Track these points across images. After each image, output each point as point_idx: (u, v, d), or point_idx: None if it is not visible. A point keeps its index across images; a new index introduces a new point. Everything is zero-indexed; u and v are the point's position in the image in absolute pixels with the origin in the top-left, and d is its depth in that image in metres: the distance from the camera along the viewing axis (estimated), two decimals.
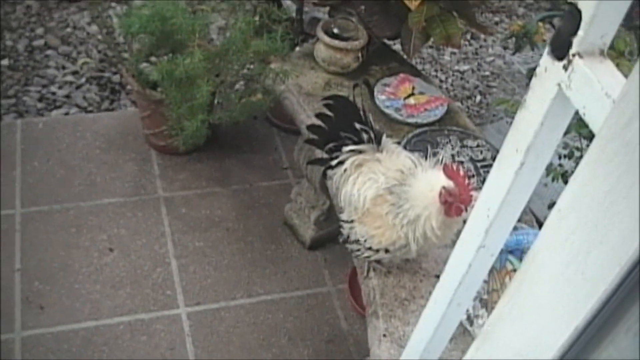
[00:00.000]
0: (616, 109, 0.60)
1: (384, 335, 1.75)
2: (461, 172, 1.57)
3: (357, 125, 1.71)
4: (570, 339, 0.56)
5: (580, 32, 0.76)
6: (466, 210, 1.56)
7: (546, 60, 0.82)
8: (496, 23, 4.03)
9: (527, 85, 2.47)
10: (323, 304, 2.57)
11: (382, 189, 1.68)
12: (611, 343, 0.53)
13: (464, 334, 1.76)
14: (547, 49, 0.82)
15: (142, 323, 2.41)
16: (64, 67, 3.33)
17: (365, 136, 1.73)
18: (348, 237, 1.81)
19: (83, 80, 3.28)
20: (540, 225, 2.26)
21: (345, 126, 1.73)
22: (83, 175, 2.83)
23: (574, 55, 0.77)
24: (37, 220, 2.64)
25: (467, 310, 1.78)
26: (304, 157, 2.51)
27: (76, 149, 2.92)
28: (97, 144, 2.95)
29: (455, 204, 1.55)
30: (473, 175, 2.08)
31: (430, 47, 3.71)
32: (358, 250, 1.80)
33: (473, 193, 1.54)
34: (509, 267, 1.67)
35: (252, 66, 2.33)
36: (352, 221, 1.78)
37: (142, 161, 2.93)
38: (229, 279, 2.58)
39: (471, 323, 1.77)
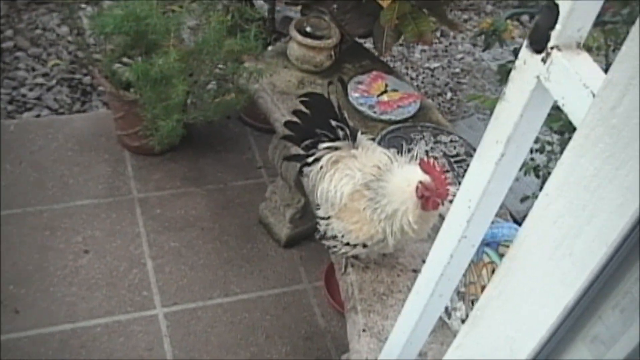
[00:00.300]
0: (600, 95, 0.63)
1: (364, 330, 1.77)
2: (437, 167, 1.60)
3: (333, 122, 1.73)
4: (559, 318, 0.59)
5: (558, 26, 0.78)
6: (443, 204, 1.58)
7: (525, 54, 0.84)
8: (465, 20, 4.08)
9: (499, 81, 2.51)
10: (300, 301, 2.58)
11: (359, 184, 1.70)
12: (599, 319, 0.55)
13: (442, 327, 1.79)
14: (525, 43, 0.84)
15: (119, 324, 2.39)
16: (34, 69, 3.30)
17: (341, 133, 1.74)
18: (325, 233, 1.82)
19: (54, 82, 3.25)
20: (513, 219, 2.31)
21: (321, 123, 1.74)
22: (56, 177, 2.80)
23: (552, 48, 0.80)
24: (11, 223, 2.60)
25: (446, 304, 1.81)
26: (279, 155, 2.52)
27: (49, 151, 2.89)
28: (69, 145, 2.93)
29: (432, 198, 1.57)
30: (447, 170, 2.11)
31: (401, 45, 3.74)
32: (335, 246, 1.81)
33: (449, 187, 1.57)
34: (486, 259, 1.70)
35: (225, 66, 2.33)
36: (329, 217, 1.80)
37: (116, 162, 2.91)
38: (205, 278, 2.58)
39: (449, 316, 1.80)
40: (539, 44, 0.82)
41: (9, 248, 2.52)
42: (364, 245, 1.72)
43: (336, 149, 1.76)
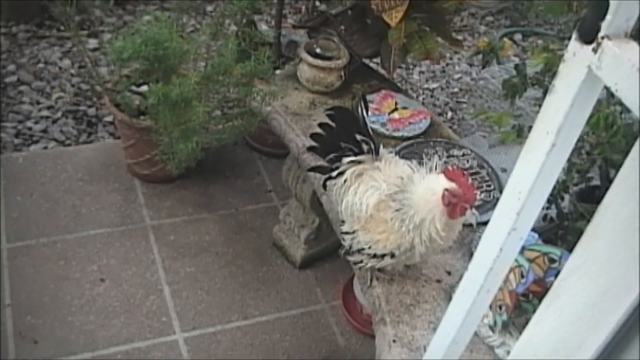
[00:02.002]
0: None
1: (394, 341, 1.78)
2: (462, 174, 1.63)
3: (358, 136, 1.76)
4: None
5: (608, 17, 0.83)
6: (471, 209, 1.61)
7: (574, 46, 0.88)
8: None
9: (505, 95, 2.54)
10: (318, 321, 2.59)
11: (385, 195, 1.73)
12: None
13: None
14: (574, 36, 0.88)
15: (139, 351, 2.39)
16: (38, 102, 3.32)
17: (365, 147, 1.77)
18: (350, 248, 1.84)
19: (59, 114, 3.27)
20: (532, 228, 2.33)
21: (346, 137, 1.77)
22: (67, 207, 2.81)
23: (602, 38, 0.84)
24: (24, 254, 2.61)
25: None
26: (293, 176, 2.55)
27: (58, 181, 2.90)
28: (79, 176, 2.94)
29: (459, 205, 1.60)
30: (472, 176, 2.15)
31: (400, 67, 3.80)
32: (361, 261, 1.83)
33: (476, 192, 1.60)
34: (513, 264, 1.73)
35: (237, 89, 2.36)
36: (354, 231, 1.82)
37: (126, 191, 2.92)
38: (223, 302, 2.58)
39: None
40: (589, 35, 0.86)
41: (24, 279, 2.52)
42: (392, 255, 1.74)
43: (359, 162, 1.79)
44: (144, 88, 2.67)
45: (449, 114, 3.63)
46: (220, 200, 2.98)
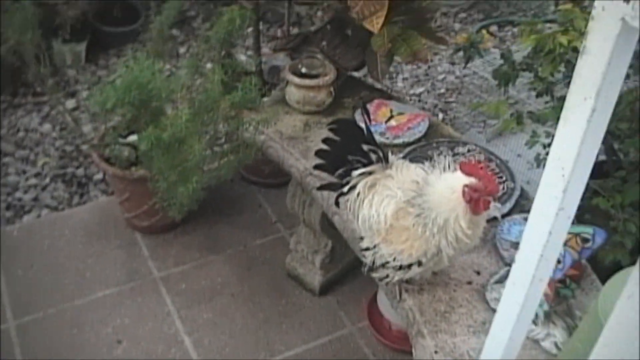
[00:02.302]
0: None
1: (436, 352, 1.70)
2: (479, 165, 1.56)
3: (365, 147, 1.69)
4: None
5: None
6: (495, 201, 1.54)
7: (602, 2, 0.82)
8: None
9: (497, 85, 2.47)
10: (348, 345, 2.50)
11: (402, 202, 1.66)
12: None
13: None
14: None
15: None
16: (24, 172, 3.23)
17: (373, 156, 1.71)
18: (373, 264, 1.76)
19: (47, 180, 3.19)
20: None
21: (353, 149, 1.70)
22: (71, 273, 2.71)
23: None
24: (34, 328, 2.50)
25: None
26: (299, 201, 2.47)
27: (58, 248, 2.81)
28: (78, 239, 2.85)
29: (482, 198, 1.53)
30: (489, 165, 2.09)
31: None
32: (387, 276, 1.75)
33: (498, 181, 1.53)
34: None
35: (227, 122, 2.30)
36: (375, 246, 1.74)
37: (129, 246, 2.83)
38: (247, 342, 2.49)
39: None
40: None
41: (38, 354, 2.42)
42: (419, 264, 1.66)
43: (370, 173, 1.72)
44: (132, 138, 2.60)
45: (440, 115, 3.57)
46: (226, 239, 2.89)
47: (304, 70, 2.39)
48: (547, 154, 2.47)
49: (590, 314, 1.41)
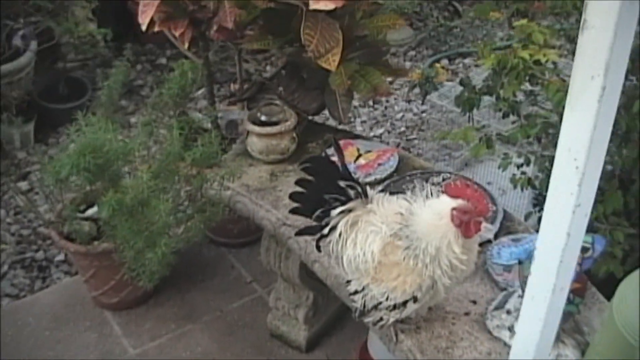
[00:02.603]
0: None
1: None
2: (467, 185, 1.48)
3: (341, 183, 1.60)
4: None
5: None
6: (486, 221, 1.46)
7: None
8: (390, 82, 4.10)
9: (462, 111, 2.42)
10: None
11: (388, 236, 1.56)
12: None
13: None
14: None
15: None
16: None
17: (352, 192, 1.61)
18: (364, 307, 1.65)
19: (5, 267, 3.01)
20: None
21: (329, 187, 1.61)
22: None
23: None
24: None
25: (515, 332, 1.65)
26: (274, 256, 2.36)
27: (23, 338, 2.62)
28: (44, 325, 2.67)
29: (472, 220, 1.45)
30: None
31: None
32: (380, 319, 1.64)
33: (486, 200, 1.46)
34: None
35: (189, 183, 2.19)
36: (364, 288, 1.64)
37: (99, 326, 2.66)
38: None
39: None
40: None
41: None
42: (415, 299, 1.56)
43: (350, 210, 1.62)
44: (91, 211, 2.47)
45: None
46: (201, 306, 2.74)
47: (263, 118, 2.31)
48: (522, 173, 2.44)
49: (605, 326, 1.32)
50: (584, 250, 1.55)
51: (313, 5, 1.96)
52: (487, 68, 2.19)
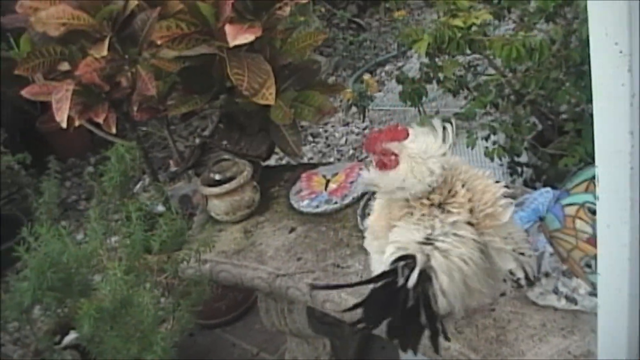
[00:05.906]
0: None
1: None
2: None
3: None
4: None
5: None
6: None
7: None
8: None
9: (411, 105, 2.30)
10: None
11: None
12: None
13: (576, 318, 1.50)
14: None
15: None
16: None
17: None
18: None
19: None
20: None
21: None
22: None
23: None
24: None
25: (562, 293, 1.53)
26: (277, 314, 2.18)
27: None
28: None
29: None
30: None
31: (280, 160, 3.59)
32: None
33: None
34: (569, 212, 1.46)
35: (165, 267, 2.01)
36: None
37: None
38: None
39: (575, 302, 1.51)
40: None
41: None
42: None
43: None
44: (68, 338, 2.25)
45: None
46: None
47: (217, 177, 2.16)
48: (493, 143, 2.35)
49: None
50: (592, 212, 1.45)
51: (233, 42, 1.83)
52: (423, 52, 2.10)
